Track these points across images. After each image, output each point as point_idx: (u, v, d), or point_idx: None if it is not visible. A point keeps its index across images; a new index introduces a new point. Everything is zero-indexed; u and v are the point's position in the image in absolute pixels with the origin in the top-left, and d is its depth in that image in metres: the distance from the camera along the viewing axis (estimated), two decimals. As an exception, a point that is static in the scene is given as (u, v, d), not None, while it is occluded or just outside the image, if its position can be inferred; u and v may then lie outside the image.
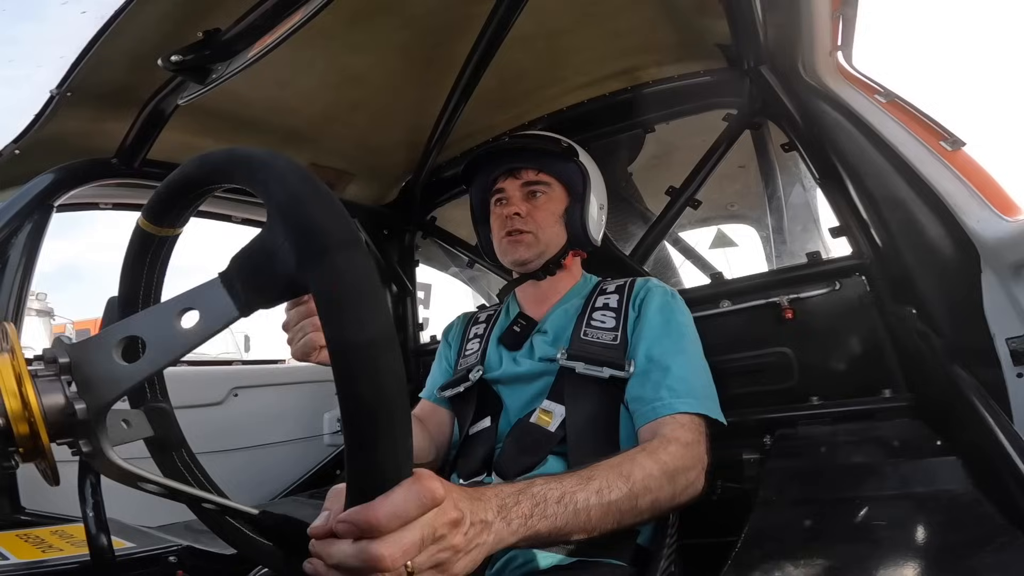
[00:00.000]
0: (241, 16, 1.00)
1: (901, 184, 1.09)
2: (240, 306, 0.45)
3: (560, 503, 0.65)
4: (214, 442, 1.65)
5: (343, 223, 0.42)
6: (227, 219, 1.78)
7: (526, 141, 1.24)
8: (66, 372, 0.44)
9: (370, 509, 0.43)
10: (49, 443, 0.42)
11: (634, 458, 0.79)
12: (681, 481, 0.82)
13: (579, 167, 1.19)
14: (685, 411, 0.91)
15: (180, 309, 0.46)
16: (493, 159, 1.22)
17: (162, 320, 0.46)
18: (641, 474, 0.76)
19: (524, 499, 0.62)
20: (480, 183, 1.26)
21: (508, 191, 1.18)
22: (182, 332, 0.45)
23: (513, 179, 1.18)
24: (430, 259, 2.24)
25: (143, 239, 0.57)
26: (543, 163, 1.18)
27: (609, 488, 0.71)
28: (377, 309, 0.41)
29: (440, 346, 1.36)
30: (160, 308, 0.47)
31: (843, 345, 1.26)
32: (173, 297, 0.47)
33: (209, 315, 0.46)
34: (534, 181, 1.17)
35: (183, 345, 0.45)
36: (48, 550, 0.90)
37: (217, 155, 0.49)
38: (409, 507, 0.44)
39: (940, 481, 0.80)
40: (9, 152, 1.27)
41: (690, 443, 0.86)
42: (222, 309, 0.45)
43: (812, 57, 1.20)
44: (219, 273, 0.46)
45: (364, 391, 0.40)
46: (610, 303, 1.11)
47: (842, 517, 0.75)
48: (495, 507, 0.58)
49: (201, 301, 0.46)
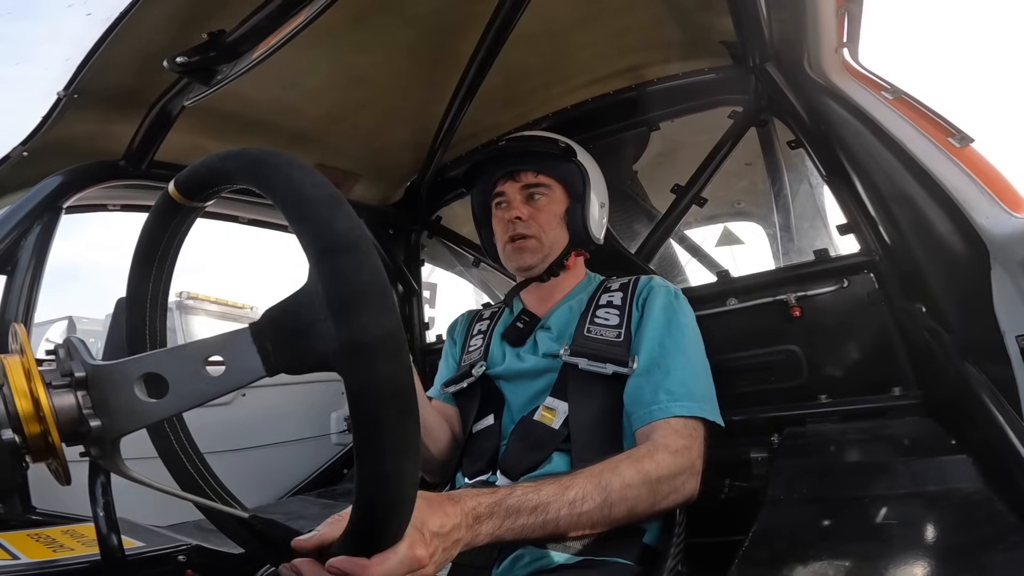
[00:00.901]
0: (246, 17, 1.01)
1: (909, 180, 1.08)
2: (268, 367, 0.45)
3: (533, 513, 0.71)
4: (223, 442, 1.66)
5: (392, 325, 0.40)
6: (234, 220, 1.78)
7: (523, 144, 1.24)
8: (81, 387, 0.44)
9: (365, 569, 0.48)
10: (60, 444, 0.43)
11: (616, 467, 0.81)
12: (664, 489, 0.83)
13: (578, 167, 1.19)
14: (681, 415, 0.92)
15: (207, 356, 0.45)
16: (492, 162, 1.22)
17: (187, 363, 0.45)
18: (619, 484, 0.79)
19: (499, 511, 0.69)
20: (481, 186, 1.26)
21: (508, 194, 1.18)
22: (206, 380, 0.45)
23: (513, 182, 1.18)
24: (436, 258, 2.24)
25: (169, 205, 0.57)
26: (542, 165, 1.18)
27: (583, 500, 0.75)
28: (409, 433, 0.42)
29: (445, 344, 1.37)
30: (187, 349, 0.45)
31: (852, 343, 1.25)
32: (201, 340, 0.46)
33: (234, 368, 0.45)
34: (534, 183, 1.17)
35: (204, 393, 0.45)
36: (59, 550, 0.91)
37: (275, 168, 0.45)
38: (399, 573, 0.50)
39: (951, 479, 0.79)
40: (17, 154, 1.28)
41: (679, 450, 0.87)
42: (248, 366, 0.45)
43: (818, 54, 1.19)
44: (250, 325, 0.45)
45: (379, 482, 0.42)
46: (614, 300, 1.11)
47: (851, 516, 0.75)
48: (470, 520, 0.65)
49: (228, 352, 0.45)
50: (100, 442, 0.44)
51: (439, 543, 0.59)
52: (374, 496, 0.43)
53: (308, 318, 0.43)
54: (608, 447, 0.96)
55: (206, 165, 0.51)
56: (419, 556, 0.53)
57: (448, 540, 0.61)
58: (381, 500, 0.43)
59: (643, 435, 0.92)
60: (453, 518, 0.62)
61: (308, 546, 0.53)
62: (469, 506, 0.66)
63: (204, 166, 0.52)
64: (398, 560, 0.50)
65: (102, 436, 0.43)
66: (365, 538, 0.47)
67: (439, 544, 0.59)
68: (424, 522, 0.57)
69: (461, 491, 0.69)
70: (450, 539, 0.61)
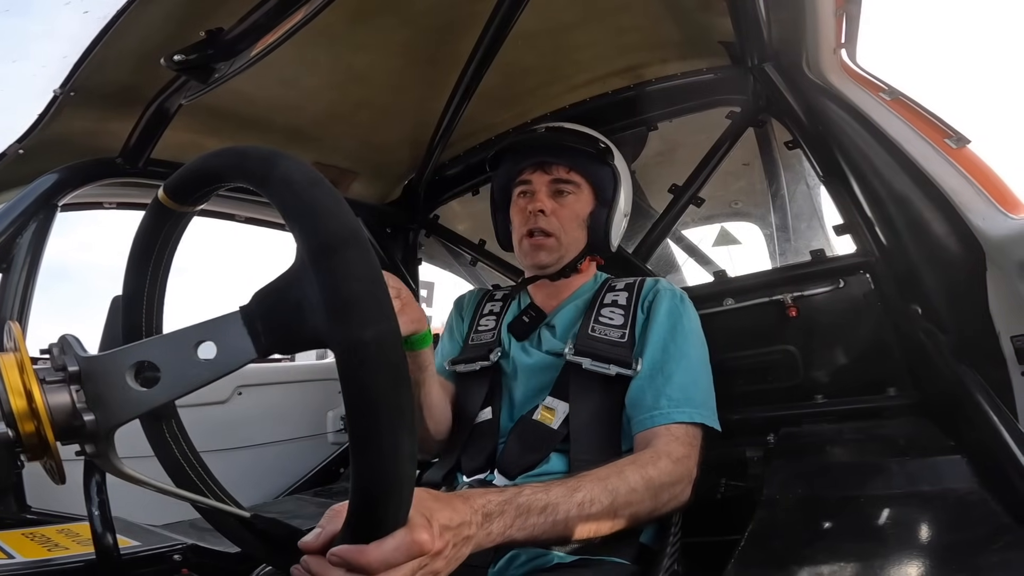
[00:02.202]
0: (244, 15, 1.00)
1: (905, 181, 1.08)
2: (259, 348, 0.44)
3: (542, 514, 0.69)
4: (219, 440, 1.66)
5: (382, 299, 0.41)
6: (231, 218, 1.78)
7: (563, 136, 1.18)
8: (75, 381, 0.43)
9: (363, 554, 0.47)
10: (55, 442, 0.42)
11: (622, 471, 0.80)
12: (664, 496, 0.83)
13: (612, 171, 1.15)
14: (682, 421, 0.92)
15: (197, 340, 0.44)
16: (526, 148, 1.18)
17: (178, 348, 0.44)
18: (625, 488, 0.78)
19: (509, 509, 0.66)
20: (506, 169, 1.21)
21: (535, 184, 1.14)
22: (198, 364, 0.44)
23: (542, 173, 1.14)
24: (433, 257, 2.24)
25: (160, 212, 0.56)
26: (576, 161, 1.14)
27: (591, 502, 0.74)
28: (403, 407, 0.41)
29: (451, 317, 1.33)
30: (177, 335, 0.45)
31: (848, 343, 1.26)
32: (191, 325, 0.45)
33: (226, 351, 0.44)
34: (564, 179, 1.14)
35: (197, 378, 0.44)
36: (54, 549, 0.91)
37: (261, 160, 0.46)
38: (398, 556, 0.48)
39: (945, 480, 0.80)
40: (13, 152, 1.28)
41: (680, 458, 0.87)
42: (240, 348, 0.44)
43: (816, 54, 1.19)
44: (240, 308, 0.45)
45: (374, 463, 0.42)
46: (619, 300, 1.10)
47: (847, 516, 0.75)
48: (480, 518, 0.62)
49: (219, 335, 0.45)
50: (94, 437, 0.44)
51: (450, 537, 0.56)
52: (371, 478, 0.43)
53: (297, 296, 0.43)
54: (607, 449, 0.96)
55: (193, 167, 0.52)
56: (421, 540, 0.50)
57: (459, 535, 0.58)
58: (379, 479, 0.43)
59: (643, 440, 0.92)
60: (463, 514, 0.59)
61: (315, 546, 0.51)
62: (479, 503, 0.63)
63: (191, 168, 0.52)
64: (395, 544, 0.48)
65: (96, 430, 0.43)
66: (364, 523, 0.46)
67: (450, 538, 0.56)
68: (432, 514, 0.54)
69: (468, 490, 0.66)
70: (461, 534, 0.58)
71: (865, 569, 0.60)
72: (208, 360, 0.44)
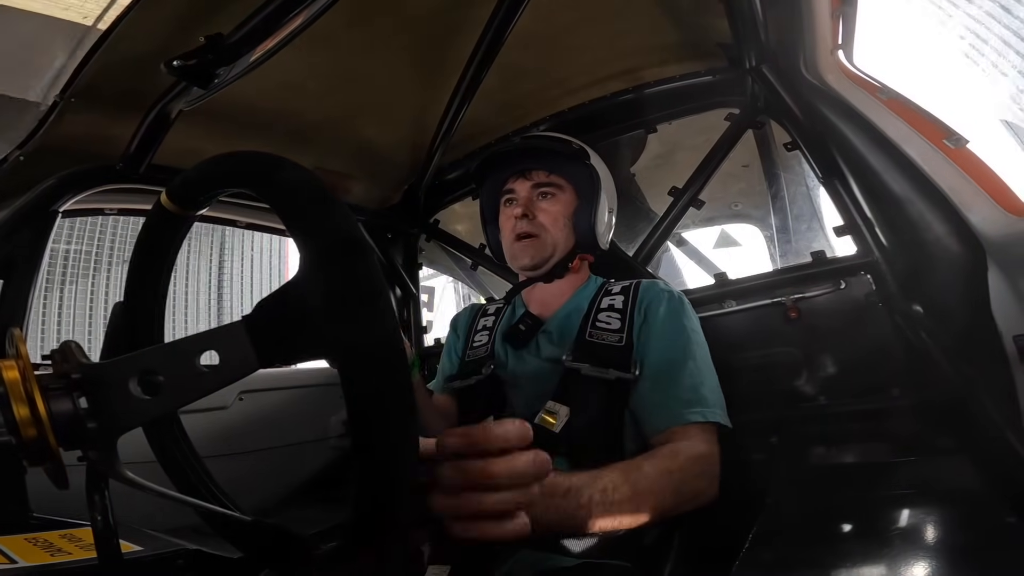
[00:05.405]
0: (243, 20, 1.01)
1: (905, 182, 1.08)
2: (261, 359, 0.45)
3: (566, 496, 0.67)
4: (221, 446, 1.65)
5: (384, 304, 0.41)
6: (232, 224, 1.78)
7: (537, 142, 1.23)
8: (77, 389, 0.43)
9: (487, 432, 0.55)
10: (57, 447, 0.42)
11: (641, 465, 0.80)
12: (686, 492, 0.83)
13: (590, 169, 1.18)
14: (696, 421, 0.92)
15: (200, 349, 0.45)
16: (504, 160, 1.21)
17: (181, 358, 0.44)
18: (646, 480, 0.77)
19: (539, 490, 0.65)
20: (491, 183, 1.25)
21: (518, 192, 1.18)
22: (200, 373, 0.44)
23: (524, 180, 1.18)
24: (434, 261, 2.24)
25: (162, 216, 0.57)
26: (554, 164, 1.18)
27: (614, 489, 0.72)
28: (407, 409, 0.42)
29: (448, 337, 1.36)
30: (180, 345, 0.45)
31: (850, 344, 1.25)
32: (194, 334, 0.45)
33: (229, 361, 0.45)
34: (545, 183, 1.17)
35: (200, 387, 0.44)
36: (56, 554, 0.90)
37: (263, 165, 0.46)
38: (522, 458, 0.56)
39: (950, 480, 0.80)
40: (14, 158, 1.28)
41: (700, 455, 0.88)
42: (243, 358, 0.44)
43: (813, 56, 1.20)
44: (244, 318, 0.45)
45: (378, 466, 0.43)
46: (615, 304, 1.10)
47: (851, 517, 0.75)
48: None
49: (222, 344, 0.45)
50: (97, 444, 0.44)
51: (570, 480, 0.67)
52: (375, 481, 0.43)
53: (299, 305, 0.43)
54: (607, 453, 0.96)
55: (197, 171, 0.52)
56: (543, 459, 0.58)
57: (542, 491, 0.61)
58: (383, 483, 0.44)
59: (660, 441, 0.92)
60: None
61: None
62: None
63: (195, 172, 0.52)
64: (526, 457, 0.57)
65: (99, 437, 0.43)
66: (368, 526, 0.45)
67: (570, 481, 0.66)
68: None
69: None
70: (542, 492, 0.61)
71: (871, 570, 0.59)
72: (210, 370, 0.44)
